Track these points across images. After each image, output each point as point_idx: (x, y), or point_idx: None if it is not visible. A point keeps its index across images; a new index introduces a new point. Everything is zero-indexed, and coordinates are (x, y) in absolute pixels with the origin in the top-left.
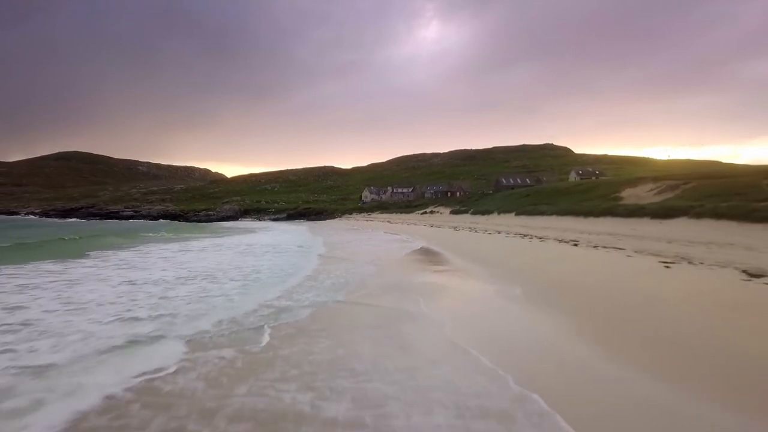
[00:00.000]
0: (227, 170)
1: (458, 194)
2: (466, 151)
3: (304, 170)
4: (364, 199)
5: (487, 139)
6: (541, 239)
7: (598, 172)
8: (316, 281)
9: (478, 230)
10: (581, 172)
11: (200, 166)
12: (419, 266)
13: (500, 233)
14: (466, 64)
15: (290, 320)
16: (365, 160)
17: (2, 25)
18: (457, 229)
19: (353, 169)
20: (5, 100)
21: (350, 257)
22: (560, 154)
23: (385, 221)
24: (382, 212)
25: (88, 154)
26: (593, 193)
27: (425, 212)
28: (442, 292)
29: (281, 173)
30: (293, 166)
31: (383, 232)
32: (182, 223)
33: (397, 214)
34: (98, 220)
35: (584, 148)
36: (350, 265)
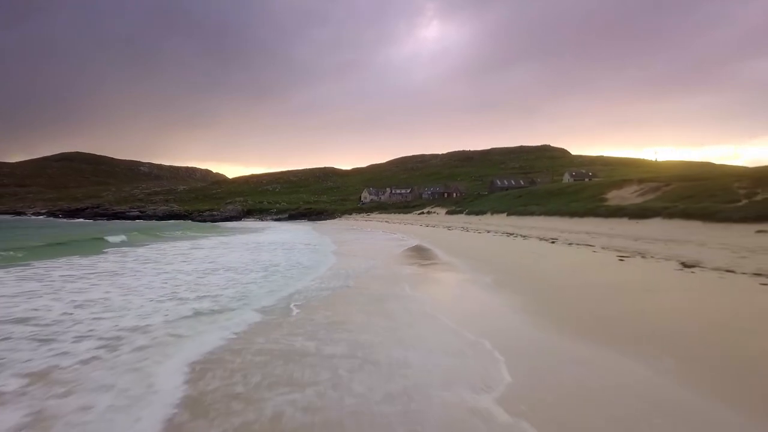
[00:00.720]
0: (227, 170)
1: (454, 195)
2: (464, 152)
3: (304, 171)
4: (363, 199)
5: (485, 140)
6: (524, 237)
7: (591, 173)
8: (336, 271)
9: (469, 230)
10: (575, 173)
11: (200, 166)
12: (411, 261)
13: (489, 232)
14: (466, 64)
15: (316, 297)
16: (365, 160)
17: (2, 25)
18: (450, 228)
19: (353, 170)
20: (5, 100)
21: (355, 253)
22: (557, 155)
23: (383, 221)
24: (380, 213)
25: (90, 154)
26: (582, 194)
27: (422, 213)
28: (426, 280)
29: (282, 174)
30: (293, 166)
31: (381, 231)
32: (196, 222)
33: (395, 214)
34: (105, 220)
35: (583, 148)
36: (356, 260)
